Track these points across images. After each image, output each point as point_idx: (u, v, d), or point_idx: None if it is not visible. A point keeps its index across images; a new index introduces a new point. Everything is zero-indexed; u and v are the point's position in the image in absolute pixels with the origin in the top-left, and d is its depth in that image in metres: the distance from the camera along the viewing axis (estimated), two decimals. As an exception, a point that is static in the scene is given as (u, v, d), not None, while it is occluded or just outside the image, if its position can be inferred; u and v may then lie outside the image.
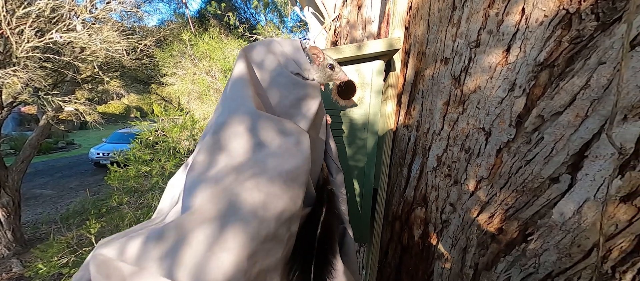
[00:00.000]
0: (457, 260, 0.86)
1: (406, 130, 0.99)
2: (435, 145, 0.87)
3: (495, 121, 0.67)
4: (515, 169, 0.65)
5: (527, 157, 0.62)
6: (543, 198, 0.62)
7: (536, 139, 0.60)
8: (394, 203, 1.09)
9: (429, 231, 0.94)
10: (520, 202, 0.66)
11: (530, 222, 0.66)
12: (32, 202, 5.54)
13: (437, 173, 0.88)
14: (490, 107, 0.68)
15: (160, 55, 6.41)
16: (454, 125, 0.80)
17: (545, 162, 0.59)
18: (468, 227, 0.81)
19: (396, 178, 1.06)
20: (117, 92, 10.27)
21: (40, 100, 4.72)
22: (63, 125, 6.87)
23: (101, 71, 5.38)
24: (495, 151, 0.69)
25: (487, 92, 0.68)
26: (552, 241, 0.62)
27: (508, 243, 0.72)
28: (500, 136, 0.67)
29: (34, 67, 4.41)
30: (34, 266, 2.15)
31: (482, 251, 0.79)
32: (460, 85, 0.75)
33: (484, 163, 0.72)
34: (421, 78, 0.90)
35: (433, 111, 0.86)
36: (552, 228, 0.61)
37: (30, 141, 4.81)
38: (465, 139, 0.77)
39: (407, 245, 1.05)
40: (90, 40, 4.91)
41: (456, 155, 0.80)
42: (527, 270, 0.68)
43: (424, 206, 0.95)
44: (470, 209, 0.78)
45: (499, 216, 0.72)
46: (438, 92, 0.83)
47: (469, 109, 0.74)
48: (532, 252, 0.65)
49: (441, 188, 0.87)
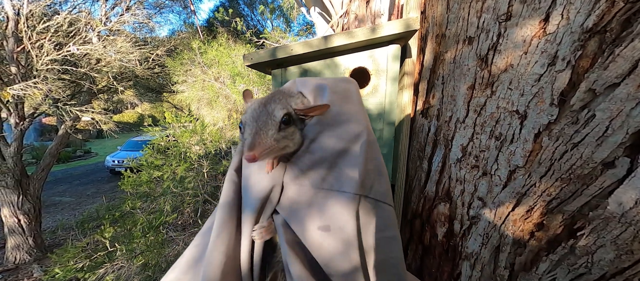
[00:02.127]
0: (489, 261, 0.78)
1: (425, 120, 0.92)
2: (459, 134, 0.80)
3: (532, 101, 0.60)
4: (558, 155, 0.57)
5: (574, 139, 0.54)
6: (595, 186, 0.54)
7: (585, 118, 0.52)
8: (413, 200, 1.01)
9: (455, 229, 0.86)
10: (565, 192, 0.58)
11: (579, 215, 0.58)
12: (51, 209, 5.74)
13: (462, 165, 0.80)
14: (525, 87, 0.61)
15: (171, 64, 6.58)
16: (480, 110, 0.72)
17: (598, 144, 0.51)
18: (501, 223, 0.72)
19: (415, 172, 0.99)
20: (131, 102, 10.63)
21: (59, 110, 4.92)
22: (81, 134, 7.15)
23: (116, 81, 5.58)
24: (532, 135, 0.61)
25: (521, 70, 0.61)
26: (609, 236, 0.53)
27: (551, 240, 0.64)
28: (539, 118, 0.59)
29: (53, 79, 4.61)
30: (52, 270, 2.18)
31: (519, 249, 0.70)
32: (487, 65, 0.68)
33: (518, 150, 0.65)
34: (441, 62, 0.84)
35: (455, 97, 0.79)
36: (608, 221, 0.53)
37: (50, 150, 5.00)
38: (495, 125, 0.69)
39: (429, 244, 0.97)
40: (105, 52, 5.11)
41: (485, 143, 0.73)
42: (576, 271, 0.59)
43: (447, 201, 0.87)
44: (504, 202, 0.70)
45: (539, 209, 0.64)
46: (461, 75, 0.76)
47: (498, 91, 0.67)
48: (584, 249, 0.57)
49: (467, 181, 0.80)
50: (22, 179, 4.39)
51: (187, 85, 6.32)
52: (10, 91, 4.04)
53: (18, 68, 4.07)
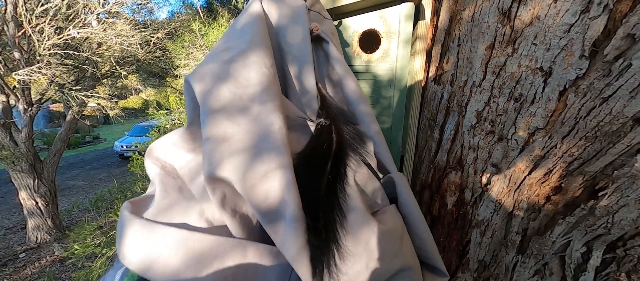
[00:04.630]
0: (500, 227, 0.77)
1: (438, 86, 0.88)
2: (475, 99, 0.76)
3: (559, 55, 0.55)
4: (584, 112, 0.54)
5: (604, 94, 0.51)
6: (622, 144, 0.51)
7: (620, 68, 0.48)
8: (422, 171, 1.00)
9: (465, 197, 0.85)
10: (589, 152, 0.55)
11: (601, 175, 0.55)
12: (66, 192, 5.96)
13: (476, 131, 0.77)
14: (551, 40, 0.56)
15: (172, 47, 6.49)
16: (500, 71, 0.68)
17: (632, 97, 0.48)
18: (516, 189, 0.71)
19: (425, 142, 0.96)
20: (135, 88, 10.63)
21: (64, 96, 4.96)
22: (88, 120, 7.25)
23: (118, 66, 5.54)
24: (557, 93, 0.57)
25: (549, 22, 0.56)
26: (634, 194, 0.51)
27: (568, 203, 0.62)
28: (566, 74, 0.55)
29: (56, 64, 4.61)
30: (71, 247, 2.29)
31: (533, 214, 0.69)
32: (510, 20, 0.63)
33: (540, 111, 0.61)
34: (458, 22, 0.78)
35: (472, 59, 0.75)
36: (634, 179, 0.50)
37: (60, 136, 5.11)
38: (515, 85, 0.65)
39: (439, 214, 0.96)
40: (105, 36, 5.03)
41: (502, 107, 0.69)
42: (594, 232, 0.58)
43: (459, 170, 0.85)
44: (520, 167, 0.68)
45: (559, 172, 0.61)
46: (480, 34, 0.71)
47: (521, 48, 0.62)
48: (604, 210, 0.55)
49: (481, 148, 0.77)
50: (36, 164, 4.53)
51: (189, 69, 6.26)
52: (16, 77, 4.06)
53: (21, 53, 4.06)
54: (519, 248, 0.74)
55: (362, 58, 0.82)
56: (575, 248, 0.63)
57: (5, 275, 3.55)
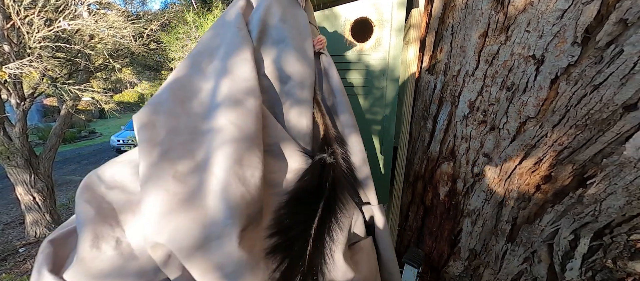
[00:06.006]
0: (491, 216, 0.78)
1: (431, 76, 0.87)
2: (467, 88, 0.75)
3: (552, 42, 0.54)
4: (575, 100, 0.54)
5: (595, 81, 0.50)
6: (612, 132, 0.51)
7: (611, 55, 0.47)
8: (415, 162, 1.00)
9: (458, 187, 0.85)
10: (579, 140, 0.55)
11: (590, 164, 0.55)
12: (64, 188, 5.94)
13: (469, 121, 0.77)
14: (544, 27, 0.55)
15: (167, 39, 6.37)
16: (492, 60, 0.67)
17: (622, 84, 0.47)
18: (507, 178, 0.71)
19: (418, 133, 0.96)
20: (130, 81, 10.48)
21: (57, 90, 4.88)
22: (83, 115, 7.16)
23: (112, 59, 5.44)
24: (548, 81, 0.57)
25: (542, 7, 0.55)
26: (621, 182, 0.51)
27: (557, 192, 0.62)
28: (558, 61, 0.54)
29: (48, 57, 4.51)
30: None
31: (523, 203, 0.70)
32: (503, 7, 0.62)
33: (531, 100, 0.61)
34: (451, 10, 0.76)
35: (465, 48, 0.74)
36: (622, 167, 0.50)
37: (55, 130, 5.05)
38: (507, 74, 0.64)
39: (431, 204, 0.97)
40: (97, 27, 4.92)
41: (494, 96, 0.69)
42: (582, 219, 0.59)
43: (451, 160, 0.85)
44: (511, 156, 0.68)
45: (549, 160, 0.61)
46: (473, 22, 0.69)
47: (514, 36, 0.61)
48: (592, 197, 0.55)
49: (474, 138, 0.77)
50: (31, 159, 4.49)
51: (184, 61, 6.17)
52: (7, 70, 3.98)
53: (11, 46, 3.97)
54: (509, 236, 0.74)
55: (355, 47, 0.80)
56: (564, 235, 0.63)
57: (6, 270, 3.58)
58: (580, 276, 0.64)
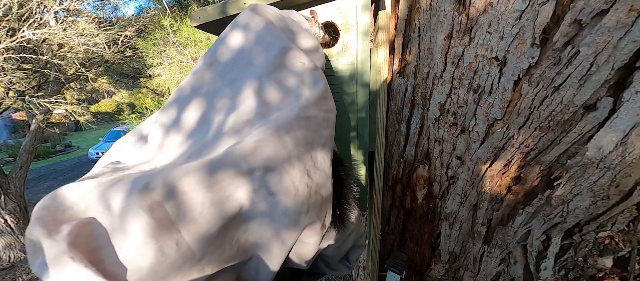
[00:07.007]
0: (467, 219, 0.77)
1: (402, 79, 0.85)
2: (437, 91, 0.74)
3: (513, 44, 0.53)
4: (538, 102, 0.53)
5: (555, 82, 0.49)
6: (574, 132, 0.50)
7: (568, 56, 0.46)
8: (393, 166, 0.98)
9: (434, 190, 0.84)
10: (544, 142, 0.55)
11: (557, 165, 0.55)
12: (39, 207, 5.59)
13: (440, 124, 0.76)
14: (505, 28, 0.54)
15: (143, 45, 6.11)
16: (458, 62, 0.66)
17: (580, 85, 0.46)
18: (479, 180, 0.70)
19: (394, 136, 0.94)
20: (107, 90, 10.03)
21: (25, 104, 4.58)
22: (57, 128, 6.78)
23: (84, 68, 5.15)
24: (512, 83, 0.56)
25: (501, 8, 0.53)
26: (586, 183, 0.51)
27: (527, 193, 0.62)
28: (519, 63, 0.53)
29: (12, 70, 4.21)
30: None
31: (496, 205, 0.69)
32: (465, 8, 0.60)
33: (497, 102, 0.60)
34: (417, 11, 0.75)
35: (432, 49, 0.72)
36: (586, 167, 0.50)
37: (25, 147, 4.75)
38: (473, 76, 0.63)
39: (410, 208, 0.96)
40: (66, 36, 4.63)
41: (462, 98, 0.67)
42: (551, 221, 0.58)
43: (426, 163, 0.84)
44: (482, 159, 0.67)
45: (517, 162, 0.61)
46: (438, 24, 0.68)
47: (477, 37, 0.60)
48: (560, 199, 0.55)
49: (446, 141, 0.76)
50: (0, 179, 4.20)
51: (163, 68, 5.94)
52: (-36, 86, 3.68)
53: (-32, 59, 3.67)
54: (485, 238, 0.74)
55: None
56: (536, 236, 0.63)
57: (-25, 300, 3.31)
58: (555, 275, 0.64)
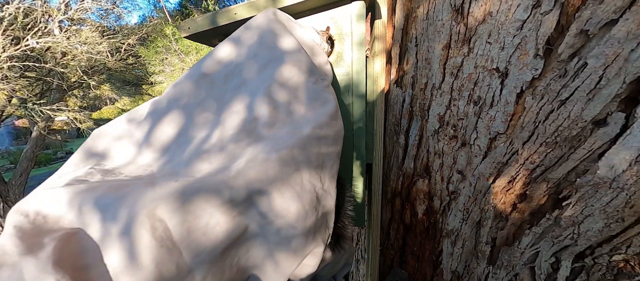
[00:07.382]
0: (470, 236, 0.73)
1: (400, 90, 0.82)
2: (436, 102, 0.71)
3: (514, 54, 0.50)
4: (543, 116, 0.49)
5: (561, 96, 0.46)
6: (583, 149, 0.47)
7: (575, 68, 0.43)
8: (392, 178, 0.94)
9: (434, 205, 0.80)
10: (550, 158, 0.51)
11: (565, 182, 0.51)
12: (39, 214, 5.57)
13: (440, 136, 0.72)
14: (505, 39, 0.51)
15: (145, 53, 6.19)
16: (457, 73, 0.63)
17: (589, 99, 0.43)
18: (482, 197, 0.66)
19: (392, 148, 0.91)
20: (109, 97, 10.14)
21: (27, 111, 4.62)
22: (59, 135, 6.81)
23: (86, 76, 5.20)
24: (514, 96, 0.53)
25: (501, 18, 0.51)
26: (598, 204, 0.47)
27: (534, 212, 0.58)
28: (522, 75, 0.50)
29: (16, 77, 4.26)
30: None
31: (501, 223, 0.65)
32: (463, 17, 0.58)
33: (499, 115, 0.56)
34: (413, 21, 0.72)
35: (430, 59, 0.69)
36: (597, 187, 0.46)
37: (26, 154, 4.76)
38: (473, 87, 0.60)
39: (410, 223, 0.91)
40: (69, 44, 4.69)
41: (462, 110, 0.64)
42: (561, 243, 0.54)
43: (426, 177, 0.80)
44: (484, 174, 0.63)
45: (522, 178, 0.57)
46: (435, 33, 0.65)
47: (476, 48, 0.57)
48: (570, 220, 0.51)
49: (446, 154, 0.72)
50: (0, 186, 4.19)
51: (165, 75, 5.99)
52: (-33, 94, 3.72)
53: (-28, 68, 3.72)
54: (490, 258, 0.69)
55: (316, 63, 0.75)
56: (544, 258, 0.59)
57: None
58: (565, 299, 0.59)
